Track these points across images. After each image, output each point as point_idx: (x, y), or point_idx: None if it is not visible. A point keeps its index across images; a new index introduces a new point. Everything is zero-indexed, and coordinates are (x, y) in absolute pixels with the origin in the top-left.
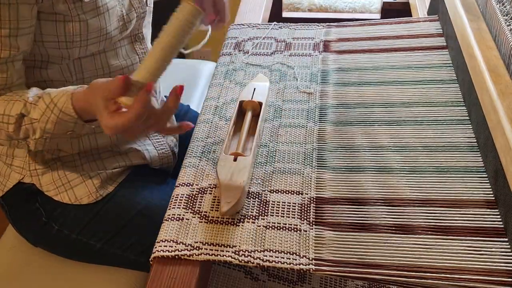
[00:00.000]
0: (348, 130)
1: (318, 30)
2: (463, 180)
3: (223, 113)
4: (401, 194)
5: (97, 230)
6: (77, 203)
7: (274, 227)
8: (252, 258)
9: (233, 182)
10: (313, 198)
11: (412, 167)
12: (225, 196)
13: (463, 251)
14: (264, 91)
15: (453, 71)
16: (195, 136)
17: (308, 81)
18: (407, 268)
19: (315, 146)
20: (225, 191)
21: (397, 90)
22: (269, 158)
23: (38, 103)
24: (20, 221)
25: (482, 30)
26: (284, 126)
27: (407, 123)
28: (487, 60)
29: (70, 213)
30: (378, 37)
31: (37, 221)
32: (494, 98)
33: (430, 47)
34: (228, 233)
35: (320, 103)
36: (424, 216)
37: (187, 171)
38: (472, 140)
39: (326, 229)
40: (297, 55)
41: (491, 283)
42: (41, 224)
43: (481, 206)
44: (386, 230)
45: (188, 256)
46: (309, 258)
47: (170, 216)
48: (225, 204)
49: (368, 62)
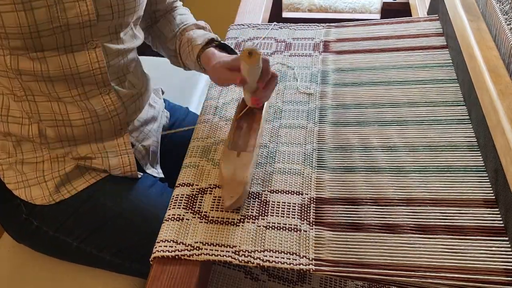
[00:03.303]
0: (348, 131)
1: (318, 31)
2: (463, 179)
3: (223, 113)
4: (394, 193)
5: (74, 228)
6: (32, 202)
7: (274, 227)
8: (252, 258)
9: (236, 177)
10: (313, 199)
11: (413, 167)
12: (228, 190)
13: (464, 250)
14: None
15: (453, 71)
16: (195, 136)
17: (308, 81)
18: (406, 268)
19: (315, 146)
20: (228, 186)
21: (397, 90)
22: (269, 159)
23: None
24: (3, 217)
25: (482, 30)
26: (284, 127)
27: (408, 123)
28: (487, 60)
29: (49, 211)
30: (378, 37)
31: (18, 217)
32: (494, 98)
33: (430, 47)
34: (228, 233)
35: (320, 104)
36: (424, 215)
37: (187, 171)
38: (472, 140)
39: (326, 229)
40: (297, 55)
41: (491, 282)
42: (22, 220)
43: (482, 205)
44: (386, 230)
45: (188, 256)
46: (309, 258)
47: (170, 216)
48: (228, 199)
49: (368, 62)
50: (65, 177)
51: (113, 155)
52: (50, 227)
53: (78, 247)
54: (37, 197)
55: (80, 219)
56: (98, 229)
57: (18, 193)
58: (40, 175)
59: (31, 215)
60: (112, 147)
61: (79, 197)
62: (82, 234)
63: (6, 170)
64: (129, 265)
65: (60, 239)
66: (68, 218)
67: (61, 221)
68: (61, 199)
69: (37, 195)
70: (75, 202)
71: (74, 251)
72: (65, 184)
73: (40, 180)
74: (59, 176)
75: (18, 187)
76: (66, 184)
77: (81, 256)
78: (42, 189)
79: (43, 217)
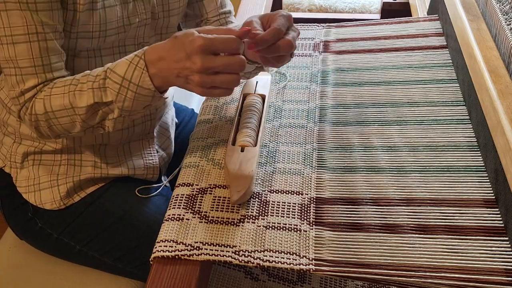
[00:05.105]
0: (348, 131)
1: (318, 31)
2: (463, 179)
3: (223, 113)
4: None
5: (77, 232)
6: (41, 206)
7: (274, 227)
8: (252, 258)
9: (242, 172)
10: (313, 198)
11: (414, 167)
12: (235, 185)
13: (464, 250)
14: (267, 84)
15: (453, 71)
16: (195, 136)
17: (308, 81)
18: (407, 268)
19: (315, 146)
20: (235, 181)
21: (397, 90)
22: (269, 159)
23: (107, 84)
24: (9, 213)
25: (482, 30)
26: (284, 126)
27: (408, 123)
28: (487, 60)
29: (54, 213)
30: (378, 37)
31: (23, 215)
32: (494, 98)
33: (430, 47)
34: (228, 233)
35: (320, 104)
36: (424, 215)
37: (187, 171)
38: (472, 140)
39: (326, 229)
40: (297, 55)
41: (491, 282)
42: (27, 219)
43: (482, 205)
44: (386, 230)
45: (188, 256)
46: (309, 258)
47: (170, 216)
48: (235, 193)
49: (368, 62)
50: (78, 183)
51: (137, 158)
52: (54, 230)
53: (80, 250)
54: (47, 202)
55: (84, 223)
56: (101, 233)
57: (28, 196)
58: (54, 178)
59: (36, 215)
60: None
61: (83, 201)
62: (85, 237)
63: (20, 172)
64: (131, 269)
65: (63, 241)
66: (73, 222)
67: (66, 224)
68: (70, 203)
69: (47, 199)
70: (79, 206)
71: (77, 254)
72: (77, 190)
73: (53, 184)
74: (72, 182)
75: (28, 190)
76: (78, 189)
77: (83, 259)
78: (53, 193)
79: (48, 219)
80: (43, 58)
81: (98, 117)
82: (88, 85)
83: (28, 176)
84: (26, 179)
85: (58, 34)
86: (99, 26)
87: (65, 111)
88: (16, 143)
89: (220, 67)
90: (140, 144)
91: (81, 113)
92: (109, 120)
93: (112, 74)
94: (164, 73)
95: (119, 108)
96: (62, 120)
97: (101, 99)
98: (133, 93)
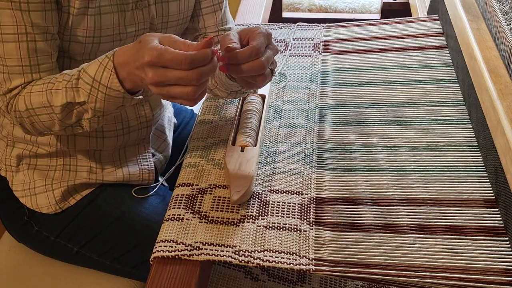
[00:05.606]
0: (348, 131)
1: (318, 31)
2: (463, 179)
3: (223, 113)
4: (394, 193)
5: (74, 234)
6: (37, 210)
7: (274, 227)
8: (252, 258)
9: (242, 172)
10: (313, 199)
11: (414, 167)
12: (235, 185)
13: (464, 250)
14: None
15: (453, 71)
16: (195, 136)
17: (308, 81)
18: (407, 268)
19: (315, 146)
20: (235, 181)
21: (397, 90)
22: (269, 159)
23: (80, 85)
24: (5, 217)
25: (482, 30)
26: (284, 126)
27: (408, 122)
28: (487, 60)
29: (49, 216)
30: (378, 37)
31: (19, 219)
32: (494, 98)
33: (430, 47)
34: (228, 233)
35: (320, 104)
36: (424, 215)
37: (187, 171)
38: (472, 140)
39: (326, 229)
40: (297, 55)
41: (491, 282)
42: (23, 222)
43: (482, 205)
44: (386, 230)
45: (188, 256)
46: (309, 258)
47: (170, 216)
48: (235, 193)
49: (368, 62)
50: (73, 187)
51: (132, 164)
52: (51, 233)
53: (78, 252)
54: (43, 206)
55: (81, 225)
56: (99, 235)
57: (24, 201)
58: (48, 183)
59: (32, 218)
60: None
61: (79, 203)
62: (82, 239)
63: (15, 176)
64: (129, 270)
65: (61, 244)
66: (69, 224)
67: (62, 227)
68: (66, 206)
69: (43, 203)
70: (76, 208)
71: (75, 256)
72: (72, 193)
73: (48, 188)
74: (67, 186)
75: (24, 194)
76: (73, 192)
77: (81, 261)
78: (49, 198)
79: (44, 222)
80: (31, 59)
81: (74, 116)
82: (63, 84)
83: (23, 180)
84: (22, 183)
85: (50, 36)
86: (93, 32)
87: (44, 109)
88: (10, 146)
89: (172, 80)
90: (135, 149)
91: (57, 112)
92: (85, 120)
93: (84, 75)
94: (131, 77)
95: (91, 108)
96: (42, 117)
97: (74, 99)
98: (103, 94)
